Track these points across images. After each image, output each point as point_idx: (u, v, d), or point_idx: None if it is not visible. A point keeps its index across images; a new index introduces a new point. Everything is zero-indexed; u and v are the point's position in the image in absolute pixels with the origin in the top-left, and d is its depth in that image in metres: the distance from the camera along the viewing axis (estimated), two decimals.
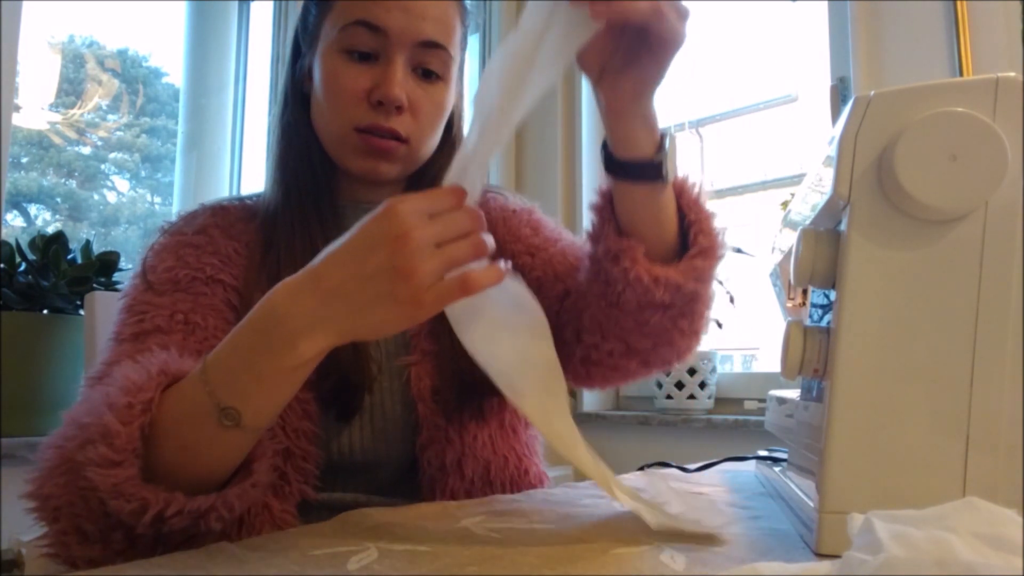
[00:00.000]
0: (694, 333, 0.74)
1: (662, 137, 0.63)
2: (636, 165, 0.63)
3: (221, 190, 2.17)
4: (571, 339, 0.77)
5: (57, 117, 2.07)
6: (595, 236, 0.71)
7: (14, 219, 2.07)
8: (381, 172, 0.78)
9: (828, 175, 0.53)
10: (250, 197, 0.88)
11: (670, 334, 0.72)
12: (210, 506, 0.55)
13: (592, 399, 2.18)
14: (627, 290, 0.67)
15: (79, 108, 2.11)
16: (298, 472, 0.72)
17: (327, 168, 0.81)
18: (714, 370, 2.00)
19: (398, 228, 0.51)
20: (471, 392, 0.77)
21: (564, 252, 0.85)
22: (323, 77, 0.77)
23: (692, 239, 0.68)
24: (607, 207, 0.69)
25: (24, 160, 2.08)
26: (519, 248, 0.84)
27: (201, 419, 0.55)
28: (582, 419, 2.16)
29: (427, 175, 0.84)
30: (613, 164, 0.65)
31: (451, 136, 0.86)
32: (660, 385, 2.00)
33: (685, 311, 0.70)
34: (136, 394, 0.55)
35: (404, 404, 0.77)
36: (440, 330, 0.77)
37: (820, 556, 0.49)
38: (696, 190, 0.70)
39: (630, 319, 0.70)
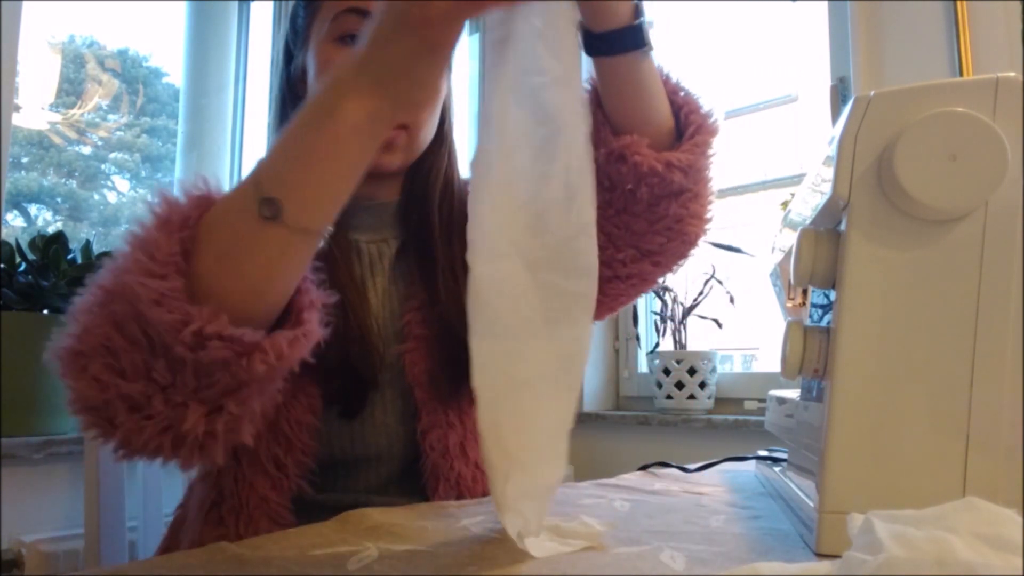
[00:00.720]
0: (703, 219, 0.74)
1: (637, 4, 0.63)
2: (617, 34, 0.63)
3: (221, 190, 2.17)
4: None
5: (57, 117, 2.07)
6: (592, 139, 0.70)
7: (14, 219, 2.07)
8: (384, 163, 0.78)
9: (828, 175, 0.53)
10: None
11: (683, 223, 0.72)
12: (255, 343, 0.50)
13: (592, 399, 2.18)
14: (641, 185, 0.68)
15: (79, 108, 2.11)
16: (297, 466, 0.73)
17: None
18: (714, 370, 2.00)
19: None
20: (465, 374, 0.77)
21: None
22: (317, 69, 0.77)
23: (684, 120, 0.69)
24: (597, 112, 0.69)
25: (24, 160, 2.08)
26: None
27: (242, 215, 0.49)
28: (582, 419, 2.16)
29: (421, 170, 0.84)
30: (595, 40, 0.63)
31: (444, 129, 0.86)
32: (660, 385, 2.00)
33: (697, 192, 0.71)
34: (175, 208, 0.51)
35: (402, 393, 0.78)
36: (431, 316, 0.78)
37: (820, 556, 0.49)
38: (673, 75, 0.71)
39: (642, 220, 0.71)
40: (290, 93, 0.84)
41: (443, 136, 0.86)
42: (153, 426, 0.50)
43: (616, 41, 0.63)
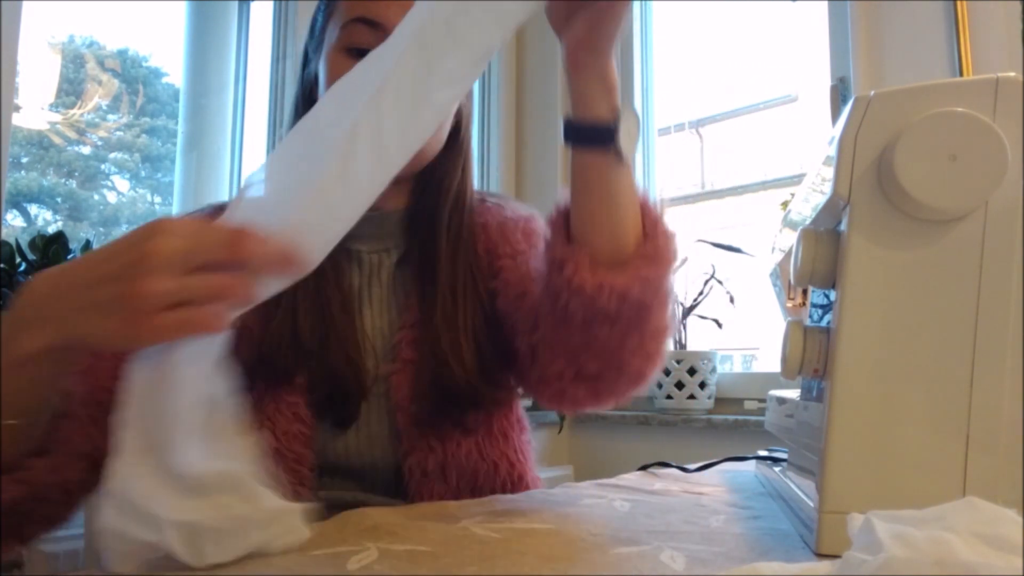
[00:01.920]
0: (646, 356, 0.67)
1: (619, 108, 0.61)
2: (589, 127, 0.61)
3: (221, 190, 2.17)
4: (526, 352, 0.74)
5: (57, 117, 2.07)
6: (546, 248, 0.67)
7: (14, 219, 2.07)
8: None
9: (828, 175, 0.53)
10: None
11: (619, 354, 0.66)
12: None
13: None
14: (572, 300, 0.63)
15: (79, 108, 2.11)
16: (290, 474, 0.72)
17: None
18: (714, 370, 2.00)
19: (151, 242, 0.45)
20: (450, 403, 0.76)
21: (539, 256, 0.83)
22: (326, 78, 0.77)
23: (641, 244, 0.64)
24: (560, 219, 0.66)
25: (24, 160, 2.08)
26: (506, 251, 0.82)
27: None
28: (583, 418, 2.16)
29: (432, 178, 0.83)
30: (569, 128, 0.62)
31: (459, 137, 0.84)
32: (660, 385, 2.00)
33: (634, 325, 0.64)
34: None
35: (388, 412, 0.77)
36: (422, 339, 0.77)
37: (820, 556, 0.49)
38: (657, 203, 0.66)
39: (578, 335, 0.66)
40: (304, 98, 0.83)
41: (458, 145, 0.85)
42: None
43: (588, 133, 0.61)
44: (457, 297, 0.78)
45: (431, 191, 0.83)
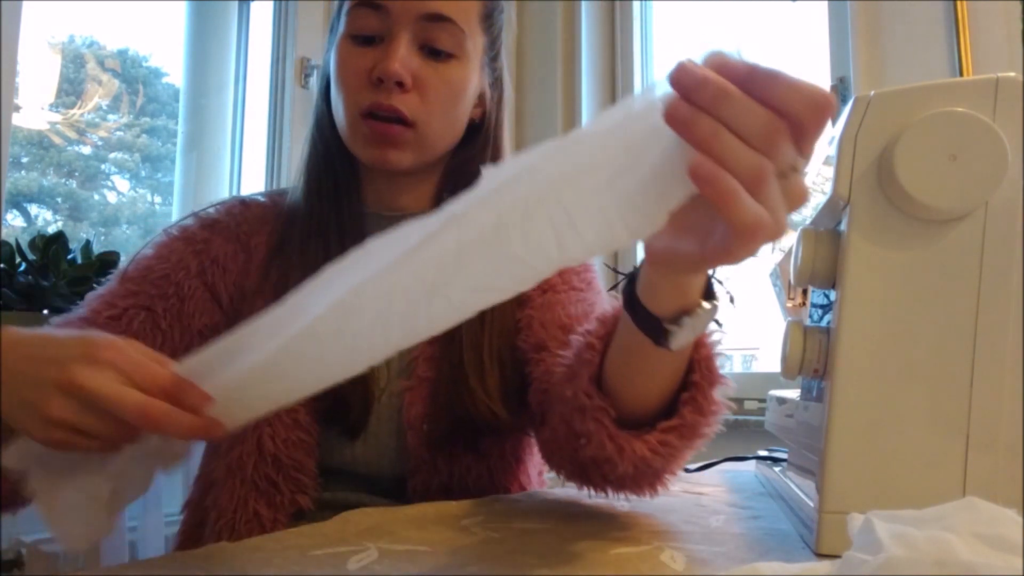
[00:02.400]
0: (657, 487, 0.63)
1: (686, 310, 0.50)
2: (645, 316, 0.51)
3: (221, 190, 2.17)
4: (534, 409, 0.72)
5: (57, 117, 2.07)
6: (573, 370, 0.61)
7: (14, 219, 2.07)
8: (390, 160, 0.74)
9: (828, 175, 0.53)
10: (282, 190, 0.85)
11: (628, 488, 0.63)
12: None
13: None
14: (587, 448, 0.58)
15: (79, 108, 2.11)
16: (290, 481, 0.71)
17: (349, 171, 0.79)
18: None
19: (80, 371, 0.46)
20: (466, 426, 0.74)
21: (572, 303, 0.76)
22: (334, 67, 0.76)
23: (680, 406, 0.57)
24: (596, 345, 0.59)
25: (24, 160, 2.08)
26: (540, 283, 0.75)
27: None
28: None
29: (462, 174, 0.78)
30: (629, 295, 0.53)
31: (485, 127, 0.81)
32: None
33: (649, 479, 0.61)
34: None
35: (398, 429, 0.75)
36: (441, 356, 0.75)
37: (820, 556, 0.49)
38: (714, 347, 0.58)
39: (590, 467, 0.62)
40: (324, 92, 0.81)
41: (486, 134, 0.81)
42: None
43: (641, 320, 0.52)
44: (484, 315, 0.71)
45: (462, 187, 0.81)
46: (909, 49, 1.62)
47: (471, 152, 0.80)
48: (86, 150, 2.21)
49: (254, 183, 2.16)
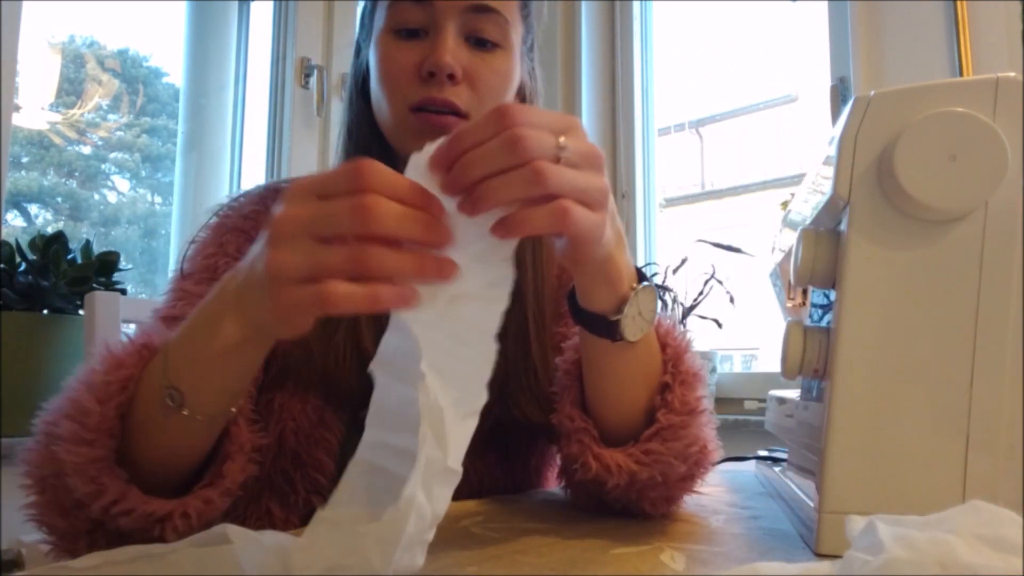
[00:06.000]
0: (668, 500, 0.62)
1: (625, 296, 0.54)
2: (591, 317, 0.55)
3: (221, 190, 2.17)
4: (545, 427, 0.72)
5: (57, 117, 2.07)
6: (557, 400, 0.63)
7: (14, 219, 2.07)
8: None
9: (828, 175, 0.53)
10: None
11: (635, 505, 0.62)
12: (167, 513, 0.51)
13: None
14: (580, 471, 0.60)
15: (79, 108, 2.11)
16: (307, 481, 0.70)
17: (388, 165, 0.79)
18: (714, 370, 2.00)
19: (280, 208, 0.42)
20: (501, 427, 0.72)
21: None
22: (376, 62, 0.74)
23: (655, 411, 0.58)
24: (572, 370, 0.61)
25: (24, 160, 2.08)
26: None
27: (153, 398, 0.51)
28: None
29: None
30: (572, 311, 0.56)
31: None
32: None
33: (651, 487, 0.60)
34: (116, 371, 0.52)
35: None
36: None
37: (820, 556, 0.49)
38: (681, 345, 0.60)
39: (587, 483, 0.62)
40: (358, 91, 0.79)
41: None
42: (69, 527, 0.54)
43: (590, 323, 0.55)
44: (529, 322, 0.73)
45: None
46: (909, 49, 1.62)
47: None
48: (86, 150, 2.21)
49: (254, 183, 2.16)
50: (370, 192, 0.41)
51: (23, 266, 1.46)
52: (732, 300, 1.99)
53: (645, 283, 0.55)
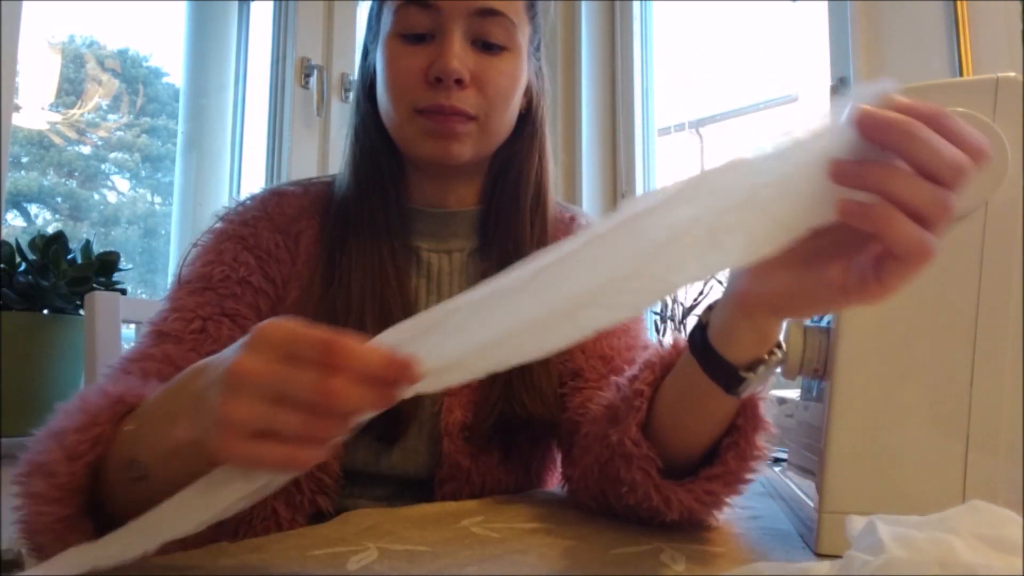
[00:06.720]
0: (697, 523, 0.61)
1: (761, 358, 0.51)
2: (719, 362, 0.51)
3: (221, 190, 2.17)
4: (565, 439, 0.72)
5: (57, 117, 2.07)
6: (618, 415, 0.59)
7: (14, 219, 2.07)
8: (452, 154, 0.73)
9: None
10: (314, 181, 0.84)
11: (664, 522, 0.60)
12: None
13: None
14: (630, 495, 0.58)
15: (79, 108, 2.11)
16: (312, 481, 0.70)
17: (395, 168, 0.79)
18: None
19: (243, 353, 0.40)
20: (505, 427, 0.73)
21: (616, 335, 0.76)
22: (383, 67, 0.75)
23: (723, 452, 0.56)
24: (646, 392, 0.58)
25: (24, 160, 2.08)
26: None
27: (121, 463, 0.50)
28: None
29: (508, 172, 0.78)
30: (698, 341, 0.52)
31: (532, 119, 0.80)
32: None
33: (693, 524, 0.59)
34: (89, 429, 0.52)
35: (431, 434, 0.74)
36: None
37: (820, 556, 0.49)
38: (760, 391, 0.57)
39: (630, 507, 0.60)
40: (365, 93, 0.80)
41: (530, 128, 0.80)
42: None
43: (713, 367, 0.51)
44: None
45: (509, 187, 0.79)
46: (909, 49, 1.62)
47: (519, 145, 0.80)
48: (86, 150, 2.21)
49: (254, 183, 2.17)
50: (340, 373, 0.38)
51: (23, 266, 1.46)
52: None
53: (783, 351, 0.52)
